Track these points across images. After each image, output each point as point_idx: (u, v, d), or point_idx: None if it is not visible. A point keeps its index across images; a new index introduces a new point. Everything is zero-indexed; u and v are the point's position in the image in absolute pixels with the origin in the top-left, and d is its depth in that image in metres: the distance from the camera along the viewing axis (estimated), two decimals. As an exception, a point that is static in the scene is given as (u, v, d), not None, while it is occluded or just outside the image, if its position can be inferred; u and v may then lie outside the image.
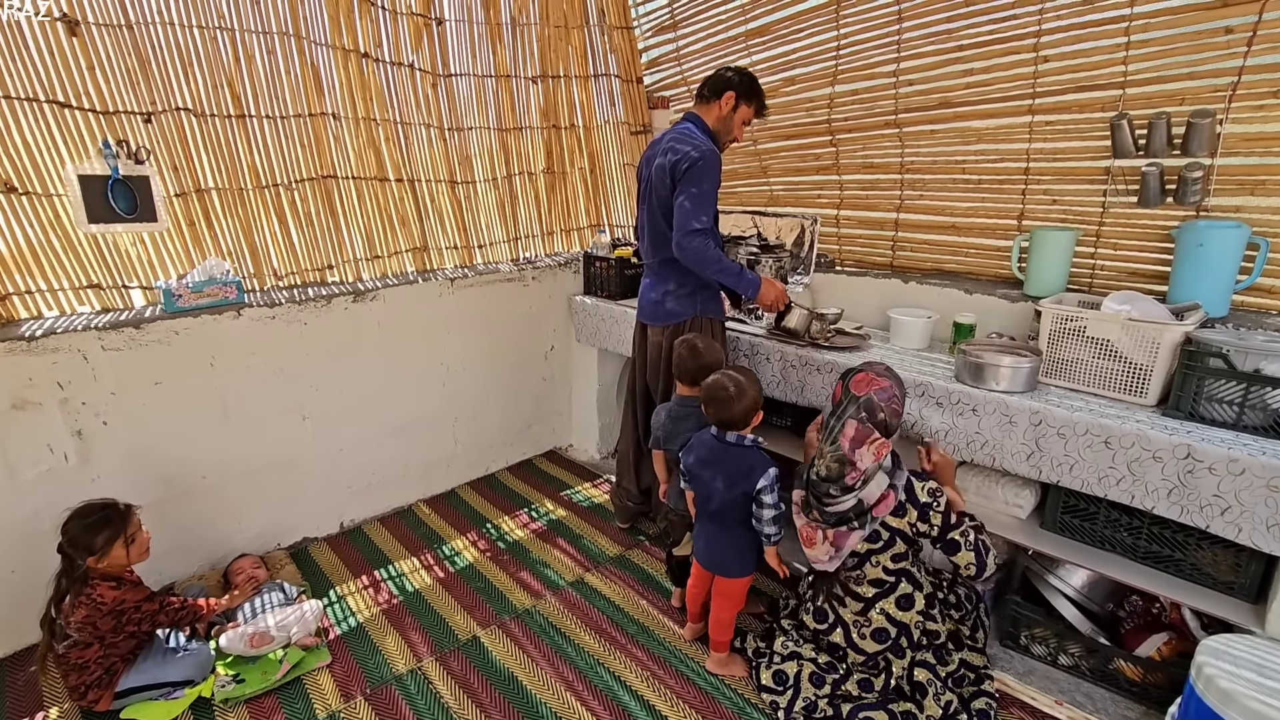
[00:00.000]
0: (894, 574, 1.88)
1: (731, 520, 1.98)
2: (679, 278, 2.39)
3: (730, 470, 1.94)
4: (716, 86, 2.29)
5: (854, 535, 1.81)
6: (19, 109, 2.04)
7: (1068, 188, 2.34)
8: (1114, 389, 1.92)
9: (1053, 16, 2.18)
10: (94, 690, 1.89)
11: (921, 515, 1.79)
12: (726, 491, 1.94)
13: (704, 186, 2.17)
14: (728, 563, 2.03)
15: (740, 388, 1.92)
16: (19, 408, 2.05)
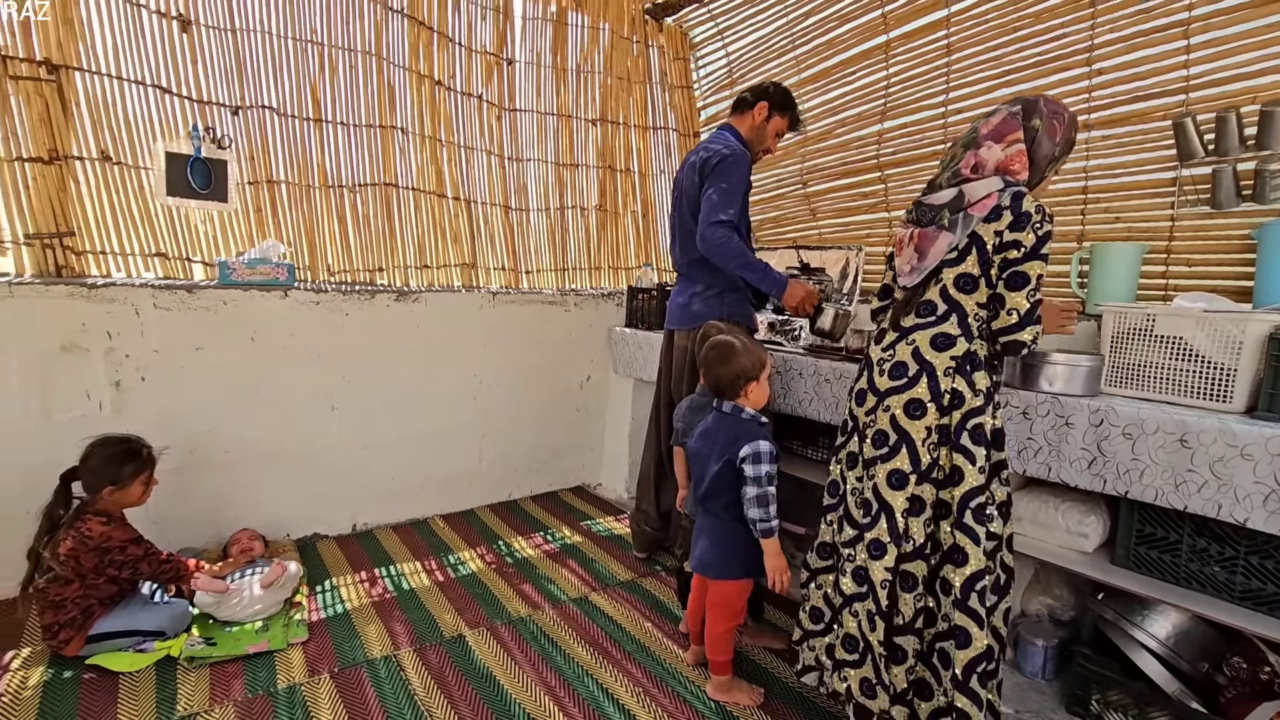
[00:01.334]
0: (948, 302, 1.53)
1: (718, 506, 1.79)
2: (706, 279, 2.34)
3: (720, 442, 1.77)
4: (750, 98, 2.35)
5: (941, 238, 1.52)
6: (127, 89, 2.31)
7: (1132, 203, 2.19)
8: (1192, 395, 1.67)
9: (1105, 29, 2.14)
10: (67, 630, 1.83)
11: (1016, 224, 1.44)
12: (710, 465, 1.76)
13: (733, 180, 2.16)
14: (712, 560, 1.80)
15: (731, 348, 1.77)
16: (67, 350, 2.16)
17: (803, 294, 2.21)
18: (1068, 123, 1.54)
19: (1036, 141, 1.51)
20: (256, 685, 1.78)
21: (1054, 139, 1.52)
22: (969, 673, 1.45)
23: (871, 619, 1.55)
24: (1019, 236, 1.45)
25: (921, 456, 1.51)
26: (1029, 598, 2.11)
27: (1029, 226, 1.45)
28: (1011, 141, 1.52)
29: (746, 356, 1.78)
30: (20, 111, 2.12)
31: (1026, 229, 1.45)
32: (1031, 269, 1.46)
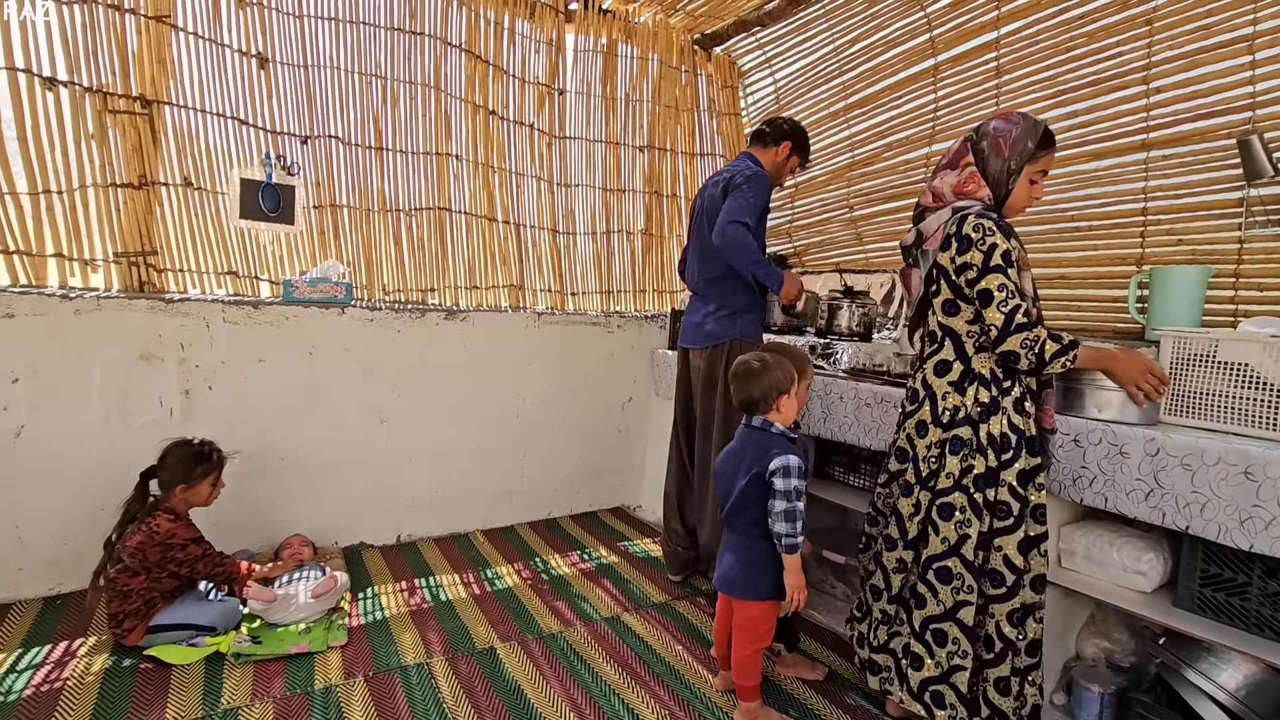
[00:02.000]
0: (941, 330, 1.68)
1: (744, 521, 1.76)
2: (720, 298, 2.39)
3: (748, 456, 1.76)
4: (776, 135, 2.41)
5: (915, 274, 1.73)
6: (209, 121, 2.51)
7: (1195, 225, 2.09)
8: (1258, 425, 1.56)
9: (1164, 46, 2.07)
10: (131, 619, 1.95)
11: (960, 248, 1.56)
12: (738, 479, 1.74)
13: (758, 194, 2.24)
14: (737, 579, 1.78)
15: (764, 364, 1.77)
16: (145, 359, 2.34)
17: (797, 288, 2.34)
18: (1019, 134, 1.60)
19: (985, 161, 1.64)
20: (295, 684, 1.84)
21: (1001, 155, 1.62)
22: (924, 628, 1.65)
23: (876, 591, 1.79)
24: (967, 258, 1.57)
25: (923, 469, 1.68)
26: (1084, 640, 1.98)
27: (973, 246, 1.56)
28: (964, 165, 1.65)
29: (778, 369, 1.78)
30: (117, 142, 2.34)
31: (971, 249, 1.56)
32: (990, 282, 1.54)
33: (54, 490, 2.24)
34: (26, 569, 2.23)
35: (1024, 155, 1.60)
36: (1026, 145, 1.59)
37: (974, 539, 1.58)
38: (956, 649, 1.60)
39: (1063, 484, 1.75)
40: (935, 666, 1.63)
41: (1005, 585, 1.57)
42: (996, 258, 1.54)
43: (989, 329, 1.56)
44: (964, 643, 1.59)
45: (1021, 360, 1.53)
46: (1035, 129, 1.60)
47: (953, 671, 1.60)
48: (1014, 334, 1.52)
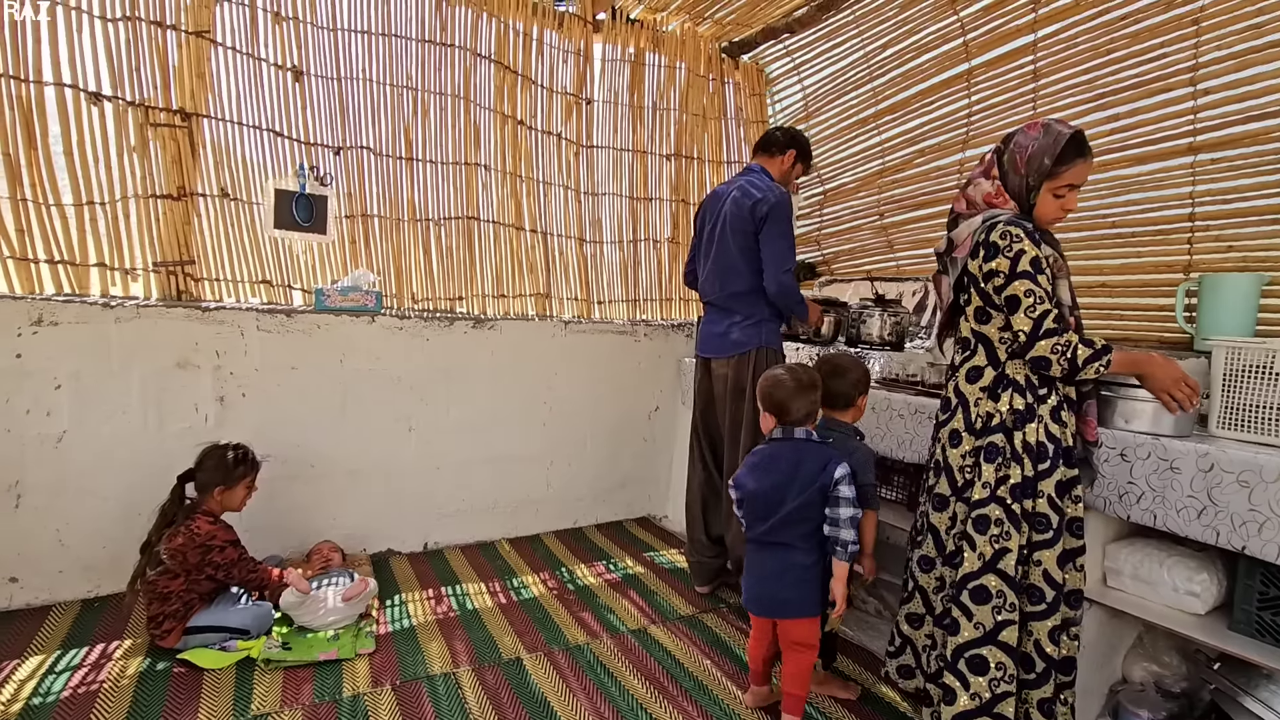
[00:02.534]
0: (974, 336, 1.65)
1: (795, 536, 1.72)
2: (746, 310, 2.40)
3: (804, 470, 1.70)
4: (782, 144, 2.47)
5: (944, 281, 1.73)
6: (245, 133, 2.56)
7: (1246, 231, 2.01)
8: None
9: (1212, 46, 2.00)
10: (169, 621, 1.98)
11: (988, 256, 1.54)
12: (795, 497, 1.69)
13: (786, 229, 2.31)
14: (789, 599, 1.73)
15: (805, 380, 1.78)
16: (182, 366, 2.38)
17: (817, 313, 2.59)
18: (1038, 149, 1.54)
19: (1005, 176, 1.61)
20: (324, 692, 1.85)
21: (1018, 171, 1.58)
22: (957, 656, 1.56)
23: (914, 619, 1.75)
24: (994, 265, 1.54)
25: (957, 479, 1.64)
26: (1131, 663, 1.90)
27: (999, 254, 1.53)
28: (993, 177, 1.63)
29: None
30: (157, 154, 2.39)
31: (998, 256, 1.53)
32: (1017, 289, 1.51)
33: (93, 494, 2.29)
34: (66, 571, 2.28)
35: (1041, 172, 1.54)
36: (1043, 162, 1.53)
37: (1014, 553, 1.52)
38: (1001, 674, 1.51)
39: (1108, 499, 1.68)
40: (971, 699, 1.53)
41: (1045, 601, 1.52)
42: (1024, 264, 1.50)
43: (1017, 335, 1.52)
44: (1009, 666, 1.52)
45: (1054, 366, 1.49)
46: (1055, 144, 1.52)
47: (996, 701, 1.51)
48: (1043, 339, 1.49)
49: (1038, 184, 1.56)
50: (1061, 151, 1.52)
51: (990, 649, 1.52)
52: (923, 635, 1.71)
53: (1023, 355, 1.54)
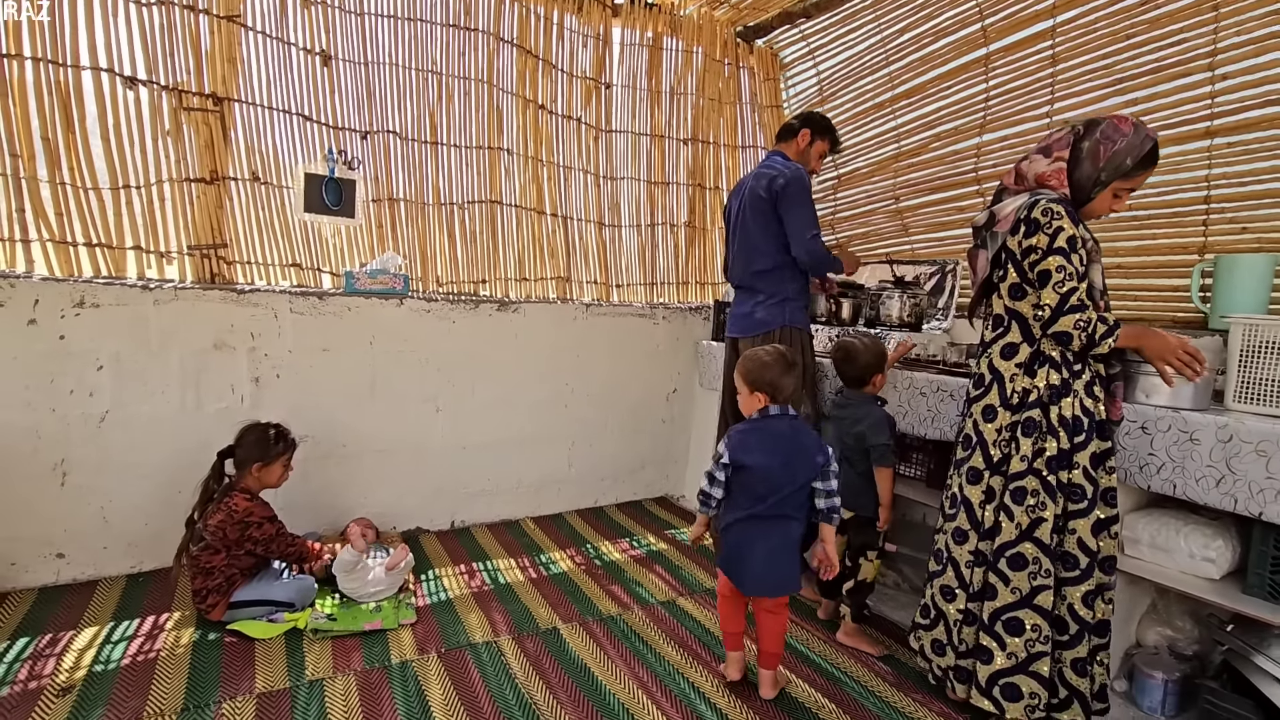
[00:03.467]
0: (1008, 314, 1.72)
1: (793, 508, 1.79)
2: (769, 289, 2.46)
3: (801, 450, 1.78)
4: (796, 127, 2.52)
5: (982, 256, 1.76)
6: (276, 118, 2.59)
7: (1261, 213, 2.07)
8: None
9: (1231, 31, 2.06)
10: (213, 595, 2.04)
11: (1028, 231, 1.60)
12: (802, 474, 1.77)
13: (808, 199, 2.36)
14: (786, 577, 1.80)
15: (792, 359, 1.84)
16: (219, 347, 2.43)
17: (856, 261, 2.55)
18: (1123, 147, 1.59)
19: (1078, 162, 1.64)
20: (373, 659, 1.92)
21: (1096, 163, 1.62)
22: (994, 619, 1.65)
23: (948, 593, 1.77)
24: (1033, 241, 1.61)
25: (993, 454, 1.70)
26: (1145, 628, 1.99)
27: (1039, 230, 1.59)
28: (1057, 158, 1.66)
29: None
30: (190, 138, 2.42)
31: (1038, 233, 1.60)
32: (1050, 264, 1.58)
33: (134, 473, 2.34)
34: (110, 548, 2.34)
35: (1118, 170, 1.60)
36: (1125, 161, 1.59)
37: (1049, 522, 1.59)
38: (1037, 635, 1.60)
39: (1129, 471, 1.75)
40: (1007, 658, 1.62)
41: (1079, 568, 1.60)
42: (1061, 241, 1.57)
43: (1043, 308, 1.58)
44: (1045, 628, 1.60)
45: (1074, 340, 1.57)
46: (1140, 147, 1.58)
47: (1032, 660, 1.60)
48: (1067, 314, 1.56)
49: (1109, 179, 1.61)
50: (1145, 155, 1.58)
51: (1026, 612, 1.60)
52: (954, 609, 1.75)
53: (1045, 328, 1.60)
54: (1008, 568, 1.64)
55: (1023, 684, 1.62)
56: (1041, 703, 1.61)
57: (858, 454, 2.10)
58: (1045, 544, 1.60)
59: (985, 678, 1.66)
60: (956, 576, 1.75)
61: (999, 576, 1.65)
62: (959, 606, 1.74)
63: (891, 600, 2.48)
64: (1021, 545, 1.62)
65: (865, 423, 2.06)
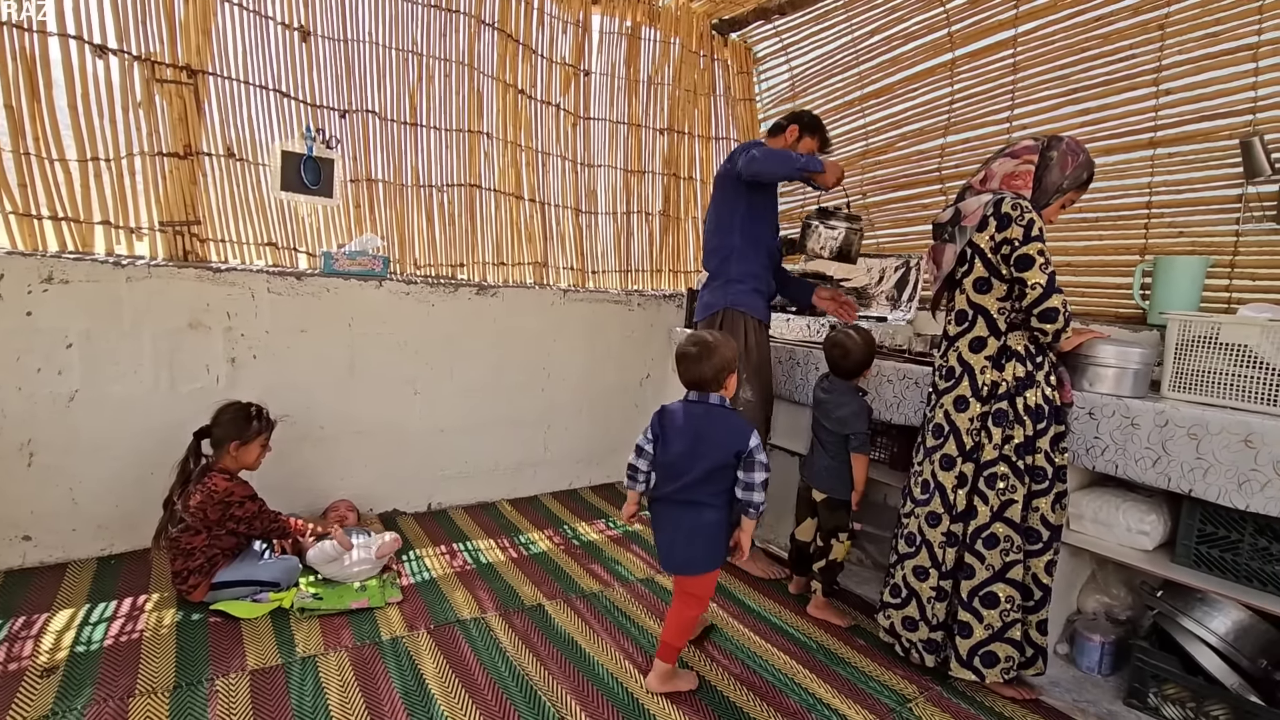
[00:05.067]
0: (973, 308, 1.82)
1: (706, 494, 1.74)
2: (715, 270, 2.55)
3: (713, 436, 1.73)
4: (780, 123, 2.56)
5: (948, 250, 1.85)
6: (253, 93, 2.54)
7: (1196, 219, 2.27)
8: (1255, 400, 1.74)
9: (1174, 50, 2.23)
10: (195, 576, 2.03)
11: (1000, 225, 1.72)
12: (709, 459, 1.71)
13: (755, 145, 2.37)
14: (696, 557, 1.76)
15: (712, 345, 1.77)
16: (194, 327, 2.39)
17: (839, 170, 2.36)
18: (1081, 162, 1.79)
19: (1048, 168, 1.78)
20: (363, 636, 1.95)
21: (1064, 171, 1.78)
22: (972, 595, 1.79)
23: (921, 572, 1.88)
24: (1008, 234, 1.73)
25: (966, 441, 1.82)
26: (1085, 596, 2.18)
27: (1013, 222, 1.72)
28: (1025, 160, 1.79)
29: (726, 348, 1.79)
30: (163, 111, 2.36)
31: (1011, 225, 1.72)
32: (1031, 249, 1.70)
33: (105, 454, 2.29)
34: (79, 530, 2.29)
35: (1076, 180, 1.79)
36: (1081, 174, 1.79)
37: (1019, 502, 1.75)
38: (1011, 605, 1.75)
39: (1077, 453, 1.92)
40: (985, 630, 1.77)
41: (1042, 541, 1.76)
42: (1035, 230, 1.71)
43: (1033, 288, 1.70)
44: (1017, 598, 1.76)
45: (1059, 318, 1.70)
46: (1090, 165, 1.80)
47: (1006, 628, 1.76)
48: (1057, 293, 1.70)
49: (1069, 188, 1.79)
50: (1090, 174, 1.80)
51: (1000, 585, 1.76)
52: (928, 588, 1.87)
53: (1035, 306, 1.71)
54: (983, 547, 1.78)
55: (999, 650, 1.77)
56: (1015, 664, 1.77)
57: (835, 440, 2.22)
58: (1015, 523, 1.75)
59: (966, 650, 1.79)
60: (930, 557, 1.86)
61: (975, 556, 1.78)
62: (932, 584, 1.86)
63: (855, 576, 2.63)
64: (994, 526, 1.77)
65: (846, 409, 2.18)
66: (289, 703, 1.64)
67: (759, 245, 2.50)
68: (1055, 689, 1.93)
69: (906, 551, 1.94)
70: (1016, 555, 1.76)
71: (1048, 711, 1.83)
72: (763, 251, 2.52)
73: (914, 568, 1.90)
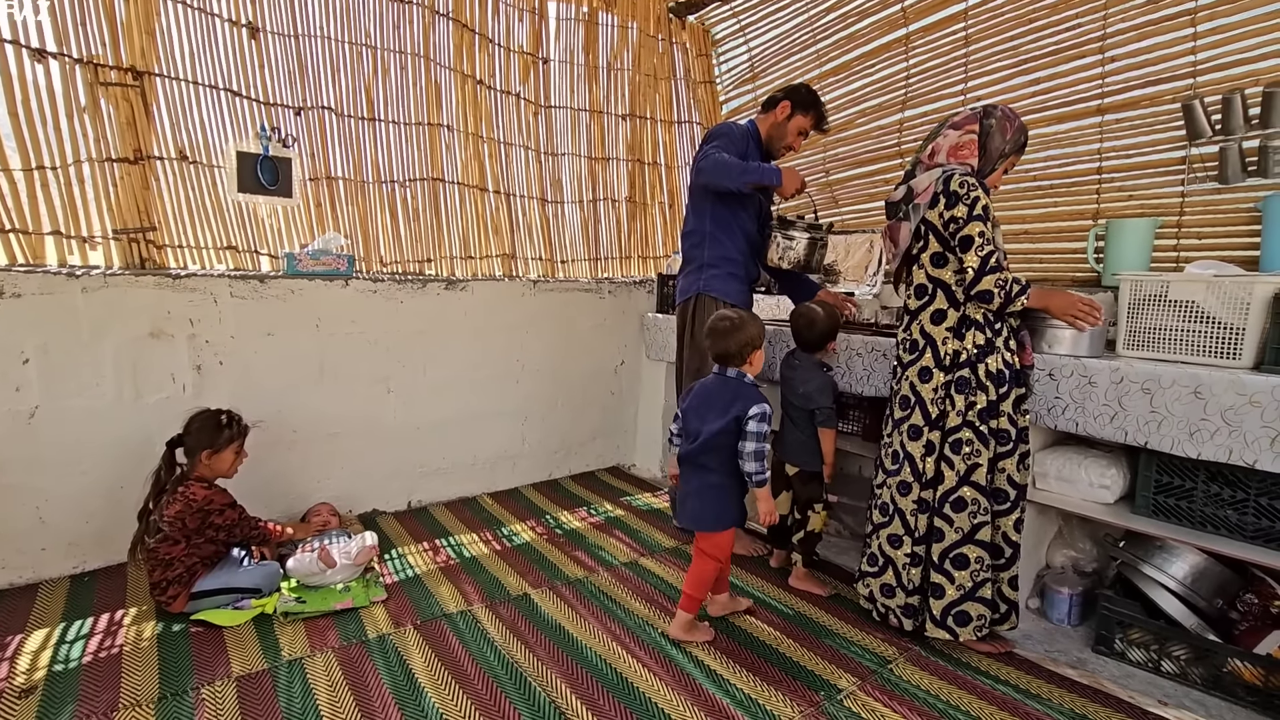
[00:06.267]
0: (932, 282, 1.87)
1: (714, 461, 1.90)
2: (688, 256, 2.58)
3: (718, 403, 1.89)
4: (775, 98, 2.52)
5: (904, 228, 1.91)
6: (203, 93, 2.48)
7: (1143, 182, 2.34)
8: (1203, 354, 1.81)
9: (1118, 18, 2.29)
10: (174, 587, 2.00)
11: (949, 203, 1.78)
12: (711, 424, 1.87)
13: (712, 147, 2.40)
14: (705, 515, 1.94)
15: (737, 323, 1.91)
16: (155, 336, 2.33)
17: (799, 179, 2.31)
18: (1017, 127, 1.86)
19: (990, 135, 1.84)
20: (349, 635, 1.95)
21: (1005, 135, 1.85)
22: (943, 558, 1.85)
23: (895, 540, 1.94)
24: (954, 211, 1.78)
25: (931, 411, 1.87)
26: (1054, 551, 2.27)
27: (959, 201, 1.77)
28: (967, 131, 1.85)
29: (752, 326, 1.92)
30: (110, 115, 2.29)
31: (958, 203, 1.77)
32: (972, 229, 1.76)
33: (72, 470, 2.24)
34: (49, 549, 2.24)
35: (1015, 144, 1.85)
36: (1019, 138, 1.85)
37: (984, 466, 1.80)
38: (980, 565, 1.82)
39: (1039, 413, 1.99)
40: (956, 590, 1.83)
41: (1009, 500, 1.82)
42: (978, 209, 1.76)
43: (966, 271, 1.77)
44: (987, 558, 1.82)
45: (995, 299, 1.76)
46: (1024, 130, 1.88)
47: (977, 588, 1.82)
48: (988, 274, 1.75)
49: (1010, 152, 1.84)
50: (1026, 137, 1.87)
51: (969, 547, 1.81)
52: (902, 554, 1.92)
53: (968, 289, 1.78)
54: (951, 510, 1.83)
55: (971, 609, 1.83)
56: (987, 622, 1.84)
57: (802, 415, 2.26)
58: (982, 485, 1.81)
59: (939, 610, 1.86)
60: (903, 524, 1.92)
61: (944, 519, 1.84)
62: (906, 551, 1.91)
63: (834, 546, 2.69)
64: (961, 490, 1.82)
65: (811, 385, 2.22)
66: (278, 706, 1.63)
67: (733, 231, 2.49)
68: (1028, 641, 2.01)
69: (881, 521, 1.99)
70: (984, 517, 1.81)
71: (1021, 663, 1.90)
72: (738, 236, 2.50)
73: (889, 536, 1.96)
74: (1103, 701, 1.73)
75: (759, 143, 2.52)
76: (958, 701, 1.72)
